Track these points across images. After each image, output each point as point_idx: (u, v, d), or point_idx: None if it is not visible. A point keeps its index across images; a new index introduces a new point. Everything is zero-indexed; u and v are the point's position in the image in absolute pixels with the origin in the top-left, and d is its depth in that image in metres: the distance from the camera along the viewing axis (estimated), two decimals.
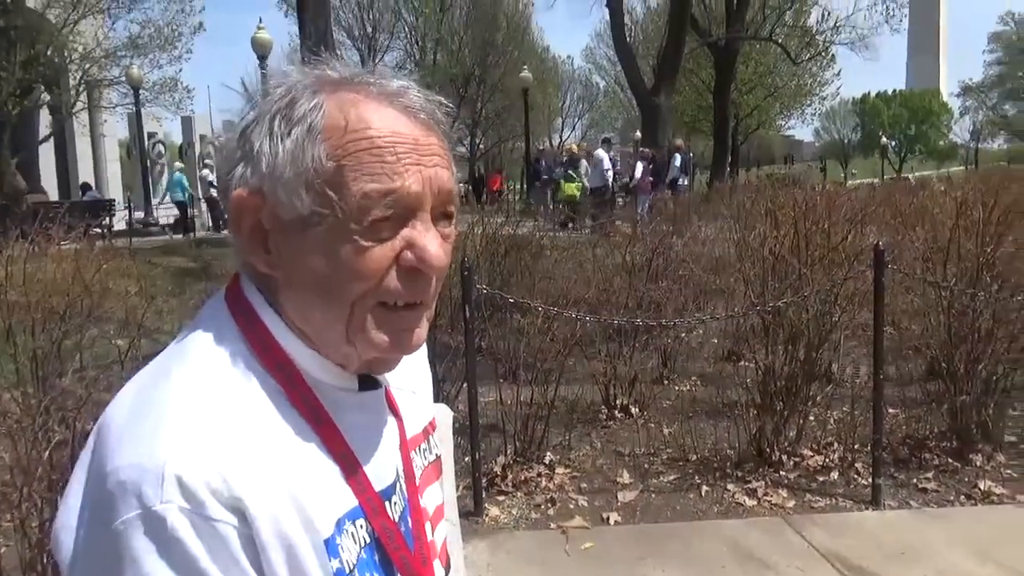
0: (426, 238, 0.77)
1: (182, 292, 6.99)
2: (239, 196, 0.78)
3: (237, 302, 0.82)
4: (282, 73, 0.82)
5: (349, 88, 0.78)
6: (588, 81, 54.38)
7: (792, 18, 32.23)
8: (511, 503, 4.14)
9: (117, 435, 0.72)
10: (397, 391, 0.93)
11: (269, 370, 0.78)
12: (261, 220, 0.78)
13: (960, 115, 65.56)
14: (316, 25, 11.46)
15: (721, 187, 12.85)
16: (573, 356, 5.00)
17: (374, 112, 0.77)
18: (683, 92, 33.13)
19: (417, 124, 0.78)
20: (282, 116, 0.77)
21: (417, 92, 0.80)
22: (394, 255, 0.76)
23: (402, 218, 0.76)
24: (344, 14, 34.77)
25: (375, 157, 0.75)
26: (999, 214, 4.59)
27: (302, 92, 0.78)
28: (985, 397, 4.45)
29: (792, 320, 4.46)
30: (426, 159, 0.77)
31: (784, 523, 3.87)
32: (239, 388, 0.76)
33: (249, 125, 0.79)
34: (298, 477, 0.74)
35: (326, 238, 0.75)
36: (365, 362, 0.82)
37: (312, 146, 0.75)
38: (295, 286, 0.78)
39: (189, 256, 11.17)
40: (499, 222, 7.35)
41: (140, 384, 0.77)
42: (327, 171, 0.75)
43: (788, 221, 4.91)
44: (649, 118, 21.29)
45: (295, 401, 0.78)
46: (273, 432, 0.75)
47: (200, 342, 0.79)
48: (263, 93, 0.82)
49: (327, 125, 0.76)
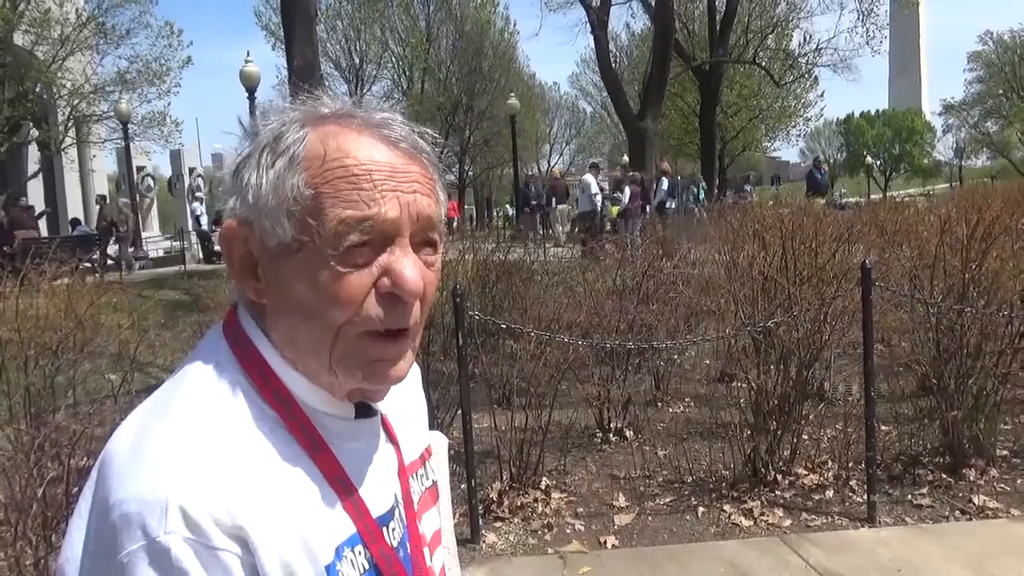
0: (403, 264, 0.78)
1: (174, 325, 6.97)
2: (229, 226, 0.81)
3: (234, 332, 0.83)
4: (278, 109, 0.84)
5: (334, 121, 0.80)
6: (575, 107, 54.83)
7: (774, 41, 32.65)
8: (508, 529, 4.13)
9: (120, 468, 0.73)
10: (393, 418, 0.94)
11: (267, 400, 0.79)
12: (250, 249, 0.80)
13: (943, 133, 66.26)
14: (304, 57, 11.52)
15: (709, 209, 12.94)
16: (566, 380, 5.02)
17: (353, 142, 0.78)
18: (669, 116, 33.45)
19: (397, 152, 0.80)
20: (269, 149, 0.79)
21: (401, 123, 0.82)
22: (372, 281, 0.77)
23: (380, 245, 0.77)
24: (331, 46, 34.96)
25: (351, 184, 0.76)
26: (982, 230, 4.65)
27: (290, 126, 0.80)
28: (976, 412, 4.48)
29: (783, 339, 4.48)
30: (404, 186, 0.78)
31: (781, 542, 3.87)
32: (238, 418, 0.77)
33: (242, 161, 0.82)
34: (298, 505, 0.76)
35: (306, 264, 0.77)
36: (357, 389, 0.84)
37: (292, 175, 0.77)
38: (282, 312, 0.80)
39: (180, 289, 11.15)
40: (489, 248, 7.38)
41: (141, 417, 0.78)
42: (306, 199, 0.77)
43: (776, 241, 4.96)
44: (636, 142, 21.43)
45: (293, 430, 0.79)
46: (272, 461, 0.76)
47: (199, 373, 0.80)
48: (251, 130, 0.84)
49: (307, 155, 0.78)
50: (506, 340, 5.76)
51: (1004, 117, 51.60)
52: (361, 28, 35.24)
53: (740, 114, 36.90)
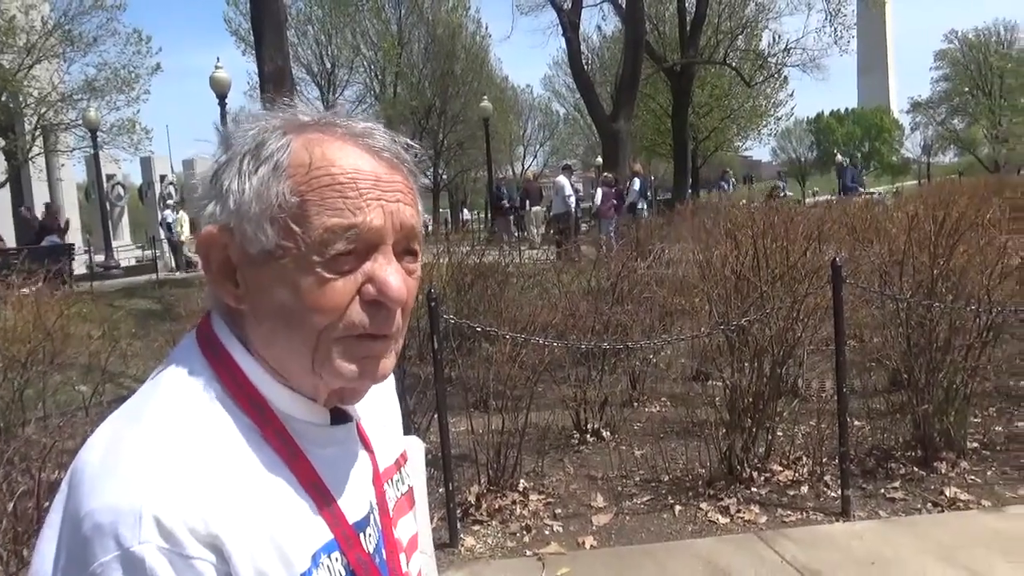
0: (387, 271, 0.79)
1: (146, 335, 6.90)
2: (208, 232, 0.81)
3: (208, 339, 0.83)
4: (254, 116, 0.84)
5: (316, 129, 0.81)
6: (548, 109, 54.97)
7: (744, 42, 32.93)
8: (486, 532, 4.13)
9: (92, 478, 0.72)
10: (368, 424, 0.94)
11: (242, 407, 0.79)
12: (229, 255, 0.80)
13: (911, 131, 67.16)
14: (274, 63, 11.45)
15: (682, 209, 13.00)
16: (542, 382, 5.03)
17: (338, 150, 0.79)
18: (642, 117, 33.60)
19: (380, 162, 0.81)
20: (251, 156, 0.80)
21: (383, 133, 0.83)
22: (356, 288, 0.78)
23: (364, 252, 0.78)
24: (303, 51, 34.80)
25: (337, 193, 0.77)
26: (950, 226, 4.72)
27: (271, 133, 0.80)
28: (946, 405, 4.54)
29: (756, 337, 4.52)
30: (388, 195, 0.80)
31: (757, 539, 3.91)
32: (212, 426, 0.77)
33: (221, 167, 0.82)
34: (273, 512, 0.76)
35: (290, 271, 0.77)
36: (335, 393, 0.84)
37: (277, 182, 0.78)
38: (261, 318, 0.80)
39: (152, 298, 11.03)
40: (464, 251, 7.38)
41: (113, 426, 0.78)
42: (291, 206, 0.77)
43: (748, 241, 5.00)
44: (609, 143, 21.53)
45: (268, 437, 0.79)
46: (247, 469, 0.76)
47: (172, 381, 0.80)
48: (228, 136, 0.84)
49: (292, 162, 0.78)
50: (482, 343, 5.76)
51: (970, 114, 52.43)
52: (332, 33, 35.12)
53: (712, 114, 37.18)
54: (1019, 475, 4.40)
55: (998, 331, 4.79)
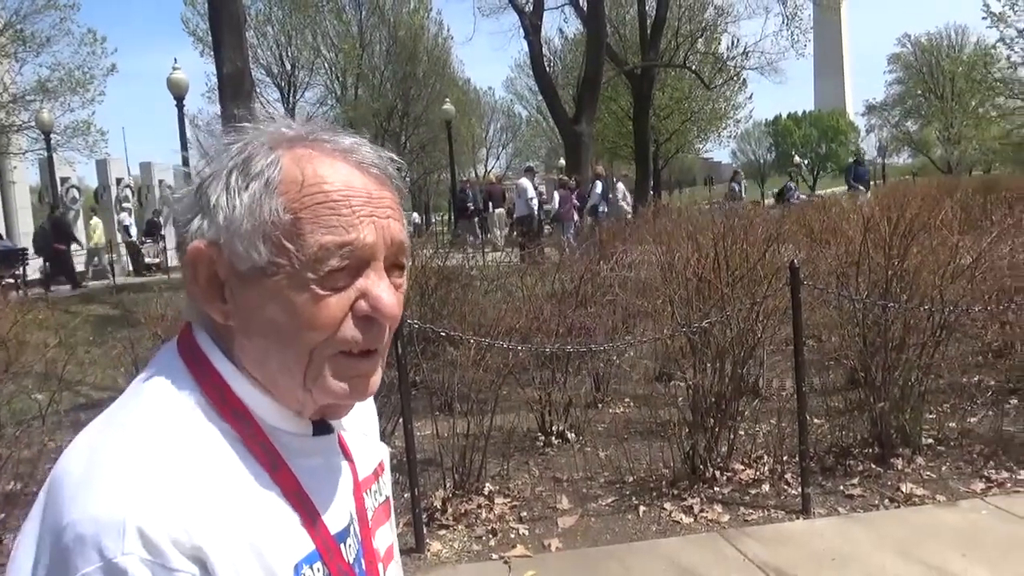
0: (380, 287, 0.80)
1: (104, 341, 6.77)
2: (196, 248, 0.79)
3: (190, 351, 0.83)
4: (237, 129, 0.84)
5: (304, 145, 0.81)
6: (510, 111, 55.14)
7: (704, 45, 33.30)
8: (452, 536, 4.13)
9: (72, 488, 0.71)
10: (348, 434, 0.94)
11: (225, 417, 0.79)
12: (217, 271, 0.80)
13: (866, 133, 68.37)
14: (234, 64, 11.32)
15: (644, 211, 13.11)
16: (507, 385, 5.04)
17: (329, 167, 0.80)
18: (603, 119, 33.83)
19: (370, 178, 0.81)
20: (239, 171, 0.79)
21: (369, 148, 0.84)
22: (349, 304, 0.79)
23: (357, 268, 0.79)
24: (262, 52, 34.38)
25: (331, 210, 0.78)
26: (904, 228, 4.83)
27: (258, 148, 0.80)
28: (902, 403, 4.65)
29: (718, 338, 4.59)
30: (380, 211, 0.80)
31: (720, 538, 3.96)
32: (196, 436, 0.77)
33: (206, 180, 0.81)
34: (257, 523, 0.76)
35: (283, 288, 0.77)
36: (320, 408, 0.84)
37: (269, 199, 0.77)
38: (252, 334, 0.80)
39: (109, 303, 10.83)
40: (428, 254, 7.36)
41: (93, 435, 0.77)
42: (284, 223, 0.77)
43: (709, 243, 5.07)
44: (572, 146, 21.64)
45: (252, 447, 0.79)
46: (231, 479, 0.76)
47: (154, 391, 0.79)
48: (205, 150, 0.84)
49: (284, 179, 0.78)
50: (446, 347, 5.75)
51: (923, 117, 53.53)
52: (292, 34, 34.78)
53: (673, 117, 37.58)
54: (972, 470, 4.52)
55: (950, 330, 4.91)
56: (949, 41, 52.03)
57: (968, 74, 43.20)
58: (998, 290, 5.23)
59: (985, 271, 5.06)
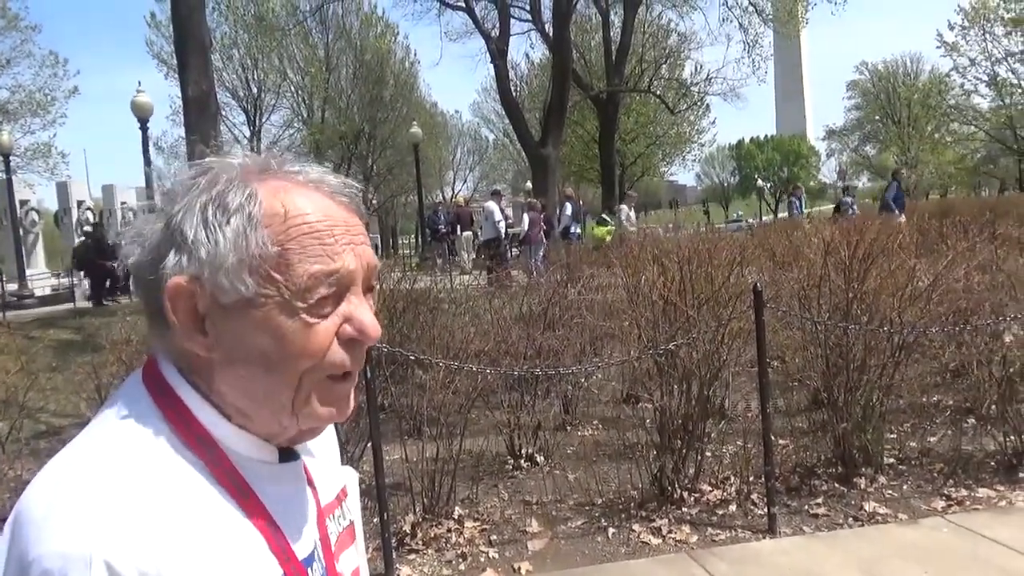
0: (361, 311, 0.83)
1: (66, 367, 6.65)
2: (176, 284, 0.80)
3: (155, 382, 0.84)
4: (202, 164, 0.85)
5: (276, 177, 0.84)
6: (477, 134, 55.34)
7: (668, 71, 33.92)
8: (422, 561, 4.11)
9: (38, 522, 0.71)
10: (309, 461, 0.95)
11: (191, 447, 0.80)
12: (196, 305, 0.81)
13: (827, 157, 69.65)
14: (199, 87, 11.26)
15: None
16: (476, 408, 5.05)
17: (306, 198, 0.82)
18: (570, 143, 34.21)
19: (342, 207, 0.85)
20: (215, 206, 0.80)
21: (333, 177, 0.87)
22: (336, 329, 0.81)
23: (340, 294, 0.82)
24: (228, 75, 34.19)
25: (316, 240, 0.80)
26: (863, 251, 4.94)
27: (231, 182, 0.82)
28: (864, 423, 4.73)
29: (684, 360, 4.65)
30: (356, 238, 0.84)
31: (688, 558, 3.99)
32: (162, 467, 0.77)
33: (176, 215, 0.81)
34: (225, 551, 0.76)
35: (272, 317, 0.79)
36: (297, 432, 0.86)
37: (255, 233, 0.79)
38: (236, 364, 0.81)
39: (71, 328, 10.64)
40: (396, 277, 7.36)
41: (58, 468, 0.77)
42: (271, 256, 0.79)
43: (674, 266, 5.14)
44: (538, 169, 21.83)
45: (218, 476, 0.80)
46: (198, 508, 0.77)
47: (119, 423, 0.80)
48: (163, 184, 0.85)
49: (266, 212, 0.80)
50: (415, 370, 5.75)
51: (881, 142, 54.72)
52: (258, 57, 34.60)
53: (638, 140, 38.11)
54: (932, 488, 4.61)
55: (909, 351, 5.02)
56: (905, 69, 53.35)
57: (924, 101, 44.31)
58: (954, 312, 5.36)
59: (942, 294, 5.19)
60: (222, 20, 28.38)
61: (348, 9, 35.65)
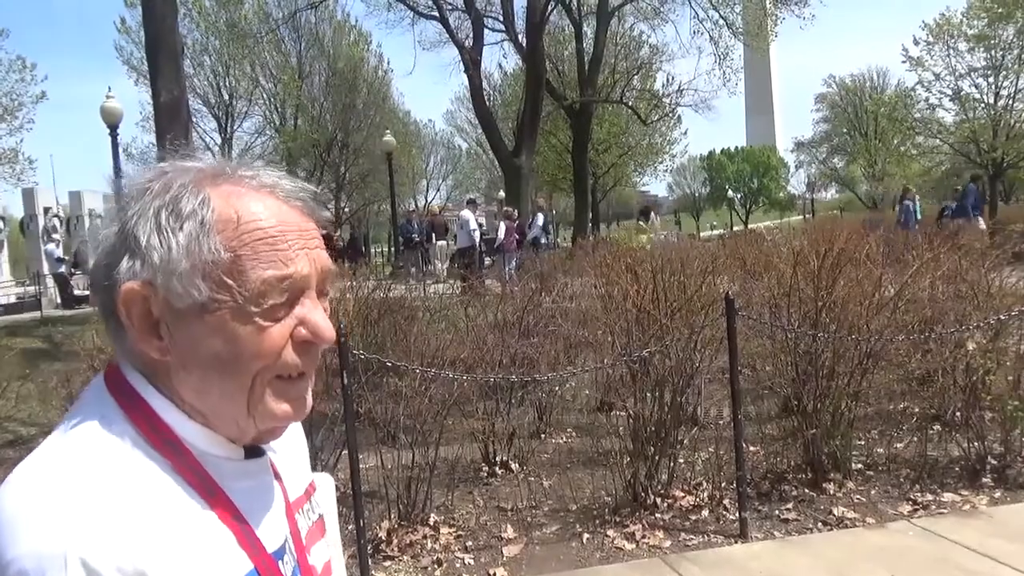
0: (316, 314, 0.84)
1: (35, 376, 6.56)
2: (130, 289, 0.81)
3: (118, 386, 0.85)
4: (156, 169, 0.86)
5: (229, 182, 0.85)
6: (451, 143, 55.27)
7: (640, 82, 34.17)
8: (397, 568, 4.12)
9: (11, 524, 0.72)
10: (276, 457, 0.97)
11: (157, 447, 0.81)
12: (151, 309, 0.82)
13: (795, 168, 70.54)
14: (170, 93, 11.16)
15: (584, 243, 13.31)
16: (451, 416, 5.06)
17: (259, 203, 0.83)
18: (543, 153, 34.33)
19: (296, 211, 0.86)
20: (168, 211, 0.81)
21: (288, 181, 0.88)
22: (289, 332, 0.83)
23: (294, 299, 0.83)
24: (199, 81, 33.87)
25: (269, 246, 0.82)
26: (831, 261, 5.04)
27: (184, 187, 0.83)
28: (833, 429, 4.82)
29: (657, 368, 4.70)
30: (310, 243, 0.85)
31: (662, 563, 4.04)
32: (130, 466, 0.78)
33: (130, 221, 0.82)
34: (196, 547, 0.78)
35: (226, 322, 0.80)
36: (258, 432, 0.87)
37: (207, 239, 0.80)
38: (191, 367, 0.82)
39: (38, 336, 10.48)
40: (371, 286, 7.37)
41: (27, 472, 0.78)
42: (224, 261, 0.80)
43: (647, 275, 5.21)
44: (512, 178, 21.91)
45: (185, 474, 0.82)
46: (168, 506, 0.78)
47: (86, 426, 0.81)
48: (118, 191, 0.86)
49: (219, 218, 0.81)
50: (390, 378, 5.75)
51: (849, 154, 55.49)
52: (230, 64, 34.34)
53: (610, 151, 38.33)
54: (899, 493, 4.71)
55: (876, 359, 5.12)
56: (872, 82, 54.19)
57: (890, 114, 45.01)
58: (920, 321, 5.47)
59: (908, 302, 5.30)
60: (194, 26, 28.09)
61: (321, 17, 35.43)
